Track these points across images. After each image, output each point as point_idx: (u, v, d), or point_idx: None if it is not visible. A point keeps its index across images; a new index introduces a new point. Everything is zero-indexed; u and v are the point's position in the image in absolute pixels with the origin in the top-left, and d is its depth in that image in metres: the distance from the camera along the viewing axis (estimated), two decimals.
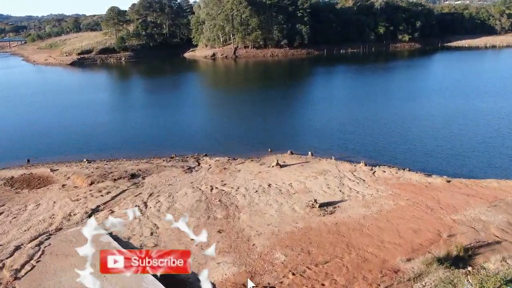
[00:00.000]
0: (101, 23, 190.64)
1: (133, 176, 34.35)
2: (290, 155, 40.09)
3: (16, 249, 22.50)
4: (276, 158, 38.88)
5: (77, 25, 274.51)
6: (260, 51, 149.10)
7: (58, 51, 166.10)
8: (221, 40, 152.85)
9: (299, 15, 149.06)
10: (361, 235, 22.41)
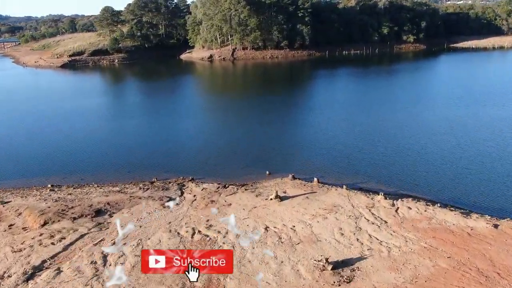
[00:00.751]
0: (94, 23, 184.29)
1: (99, 212, 27.82)
2: (292, 181, 33.60)
3: None
4: (275, 184, 32.57)
5: (73, 25, 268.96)
6: (259, 52, 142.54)
7: (49, 53, 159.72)
8: (218, 41, 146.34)
9: (299, 15, 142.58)
10: None
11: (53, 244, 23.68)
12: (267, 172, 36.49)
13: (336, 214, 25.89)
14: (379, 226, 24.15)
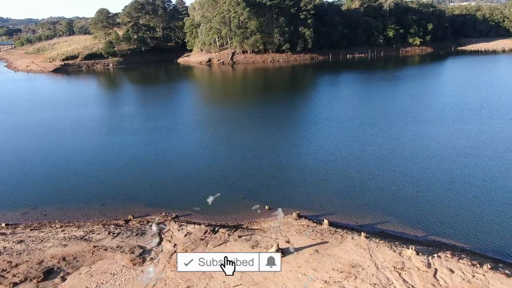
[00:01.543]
0: (89, 26, 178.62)
1: (49, 273, 21.65)
2: (297, 221, 27.45)
3: None
4: (277, 227, 26.35)
5: (70, 28, 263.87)
6: (260, 56, 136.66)
7: (42, 57, 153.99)
8: (217, 44, 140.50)
9: (302, 17, 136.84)
10: None
11: None
12: (266, 207, 30.36)
13: (356, 281, 19.67)
14: None
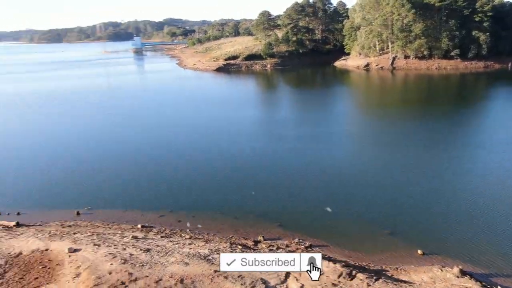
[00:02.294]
0: (251, 28, 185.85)
1: None
2: (459, 279, 21.82)
3: None
4: (429, 283, 21.16)
5: (236, 29, 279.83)
6: (424, 62, 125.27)
7: (208, 56, 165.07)
8: (377, 48, 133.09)
9: (476, 19, 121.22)
10: None
11: None
12: (419, 251, 25.00)
13: None
14: None
